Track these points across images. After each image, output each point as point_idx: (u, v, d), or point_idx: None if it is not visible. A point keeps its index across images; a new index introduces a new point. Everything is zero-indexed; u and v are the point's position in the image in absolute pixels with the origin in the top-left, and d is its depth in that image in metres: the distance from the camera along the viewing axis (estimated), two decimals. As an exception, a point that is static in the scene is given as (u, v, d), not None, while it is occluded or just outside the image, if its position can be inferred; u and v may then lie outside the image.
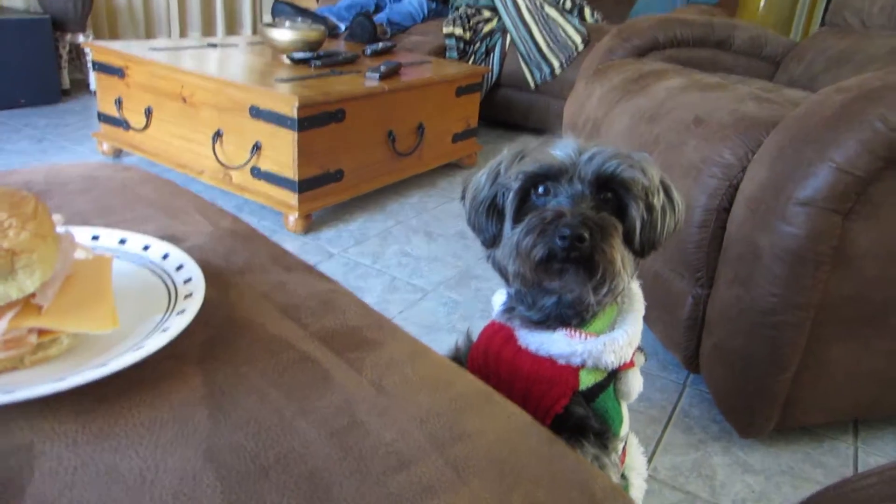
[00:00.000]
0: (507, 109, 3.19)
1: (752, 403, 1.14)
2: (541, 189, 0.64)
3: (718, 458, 1.17)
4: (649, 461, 1.15)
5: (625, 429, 0.74)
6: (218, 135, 1.96)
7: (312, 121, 1.83)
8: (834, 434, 1.25)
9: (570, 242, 0.58)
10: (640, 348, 0.72)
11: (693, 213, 1.17)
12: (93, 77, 2.98)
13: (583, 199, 0.62)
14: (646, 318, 1.43)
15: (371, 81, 2.06)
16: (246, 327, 0.54)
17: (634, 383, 0.71)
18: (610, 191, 0.63)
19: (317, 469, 0.41)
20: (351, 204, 2.16)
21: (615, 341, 0.67)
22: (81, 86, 3.22)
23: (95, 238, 0.60)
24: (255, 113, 1.86)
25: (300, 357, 0.51)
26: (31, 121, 2.65)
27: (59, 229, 0.49)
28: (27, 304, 0.44)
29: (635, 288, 0.73)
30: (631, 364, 0.70)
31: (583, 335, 0.67)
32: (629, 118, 1.49)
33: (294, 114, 1.77)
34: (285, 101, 1.78)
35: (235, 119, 1.92)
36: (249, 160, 1.91)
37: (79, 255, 0.50)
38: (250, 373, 0.48)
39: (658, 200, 0.65)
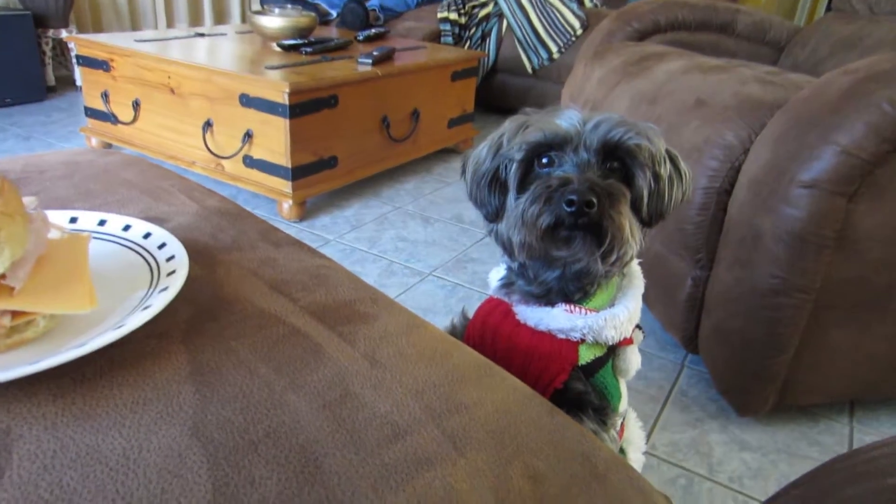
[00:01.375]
0: (503, 94, 3.16)
1: (750, 383, 1.13)
2: (545, 160, 0.62)
3: (715, 436, 1.16)
4: (647, 438, 1.14)
5: (623, 405, 0.72)
6: (208, 124, 1.94)
7: (304, 107, 1.81)
8: (830, 414, 1.24)
9: (577, 208, 0.56)
10: (638, 326, 0.70)
11: (694, 194, 1.15)
12: (78, 72, 2.95)
13: (589, 167, 0.60)
14: (645, 299, 1.42)
15: (364, 67, 2.03)
16: (233, 303, 0.52)
17: (633, 360, 0.70)
18: (616, 160, 0.61)
19: (308, 442, 0.39)
20: (346, 190, 2.14)
21: (616, 317, 0.65)
22: (67, 82, 3.18)
23: (73, 220, 0.58)
24: (246, 101, 1.83)
25: (290, 331, 0.49)
26: (18, 119, 2.61)
27: (31, 209, 0.47)
28: (-1, 286, 0.42)
29: (635, 266, 0.72)
30: (630, 341, 0.69)
31: (583, 310, 0.65)
32: (629, 100, 1.47)
33: (285, 100, 1.75)
34: (276, 87, 1.76)
35: (225, 108, 1.89)
36: (241, 149, 1.89)
37: (53, 234, 0.48)
38: (238, 348, 0.46)
39: (665, 170, 0.63)
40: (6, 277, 0.42)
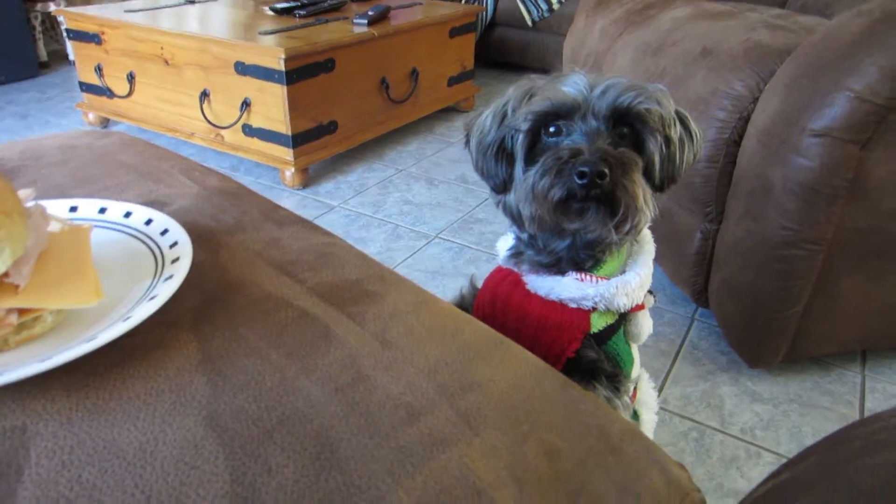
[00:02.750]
0: (503, 49, 3.09)
1: (762, 336, 1.13)
2: (552, 129, 0.60)
3: (727, 389, 1.16)
4: (659, 393, 1.15)
5: (636, 370, 0.72)
6: (205, 94, 1.91)
7: (301, 72, 1.77)
8: (842, 363, 1.24)
9: (589, 180, 0.55)
10: (650, 290, 0.70)
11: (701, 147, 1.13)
12: (70, 46, 2.90)
13: (599, 135, 0.58)
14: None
15: (360, 27, 1.99)
16: (240, 288, 0.51)
17: (644, 325, 0.69)
18: (626, 125, 0.60)
19: (323, 427, 0.39)
20: (348, 155, 2.11)
21: (627, 284, 0.64)
22: (60, 57, 3.14)
23: (73, 209, 0.57)
24: (241, 69, 1.80)
25: (299, 315, 0.48)
26: (13, 97, 2.59)
27: (30, 203, 0.46)
28: (2, 285, 0.42)
29: (646, 230, 0.70)
30: (641, 307, 0.68)
31: (594, 278, 0.64)
32: (633, 51, 1.43)
33: (281, 66, 1.72)
34: (271, 53, 1.72)
35: (221, 77, 1.86)
36: (240, 118, 1.87)
37: (53, 227, 0.48)
38: (248, 335, 0.46)
39: (675, 132, 0.61)
40: (10, 275, 0.42)
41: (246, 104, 1.84)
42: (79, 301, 0.43)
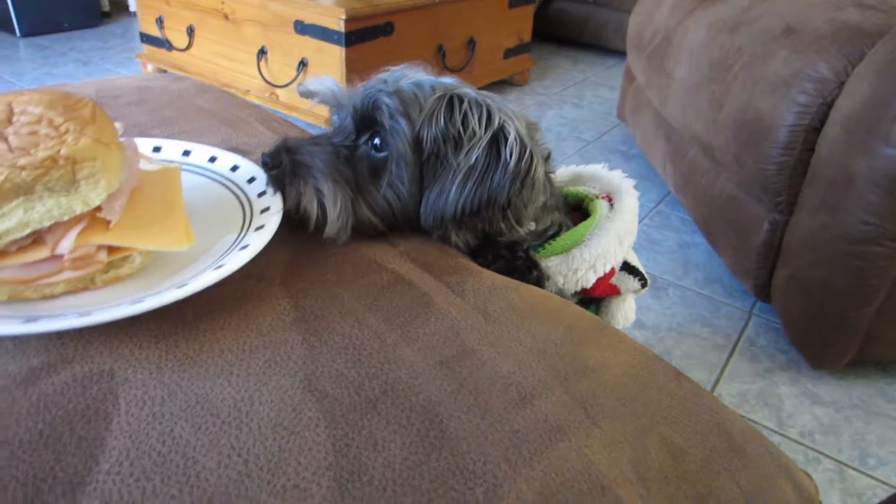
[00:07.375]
0: (561, 23, 3.00)
1: (829, 336, 1.07)
2: None
3: (785, 389, 1.11)
4: (714, 387, 1.10)
5: None
6: (262, 52, 1.88)
7: (360, 35, 1.73)
8: (910, 370, 1.17)
9: None
10: (636, 274, 0.59)
11: (778, 132, 1.06)
12: (132, -4, 2.91)
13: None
14: (714, 243, 1.35)
15: (420, -8, 1.94)
16: (329, 246, 0.48)
17: (618, 314, 0.61)
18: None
19: (429, 402, 0.35)
20: (401, 124, 2.07)
21: (565, 262, 0.55)
22: (121, 7, 3.15)
23: (157, 150, 0.55)
24: (301, 28, 1.77)
25: (395, 279, 0.45)
26: (75, 44, 2.60)
27: (121, 138, 0.43)
28: (94, 219, 0.39)
29: (625, 195, 0.59)
30: (615, 290, 0.59)
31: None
32: (706, 28, 1.36)
33: (341, 28, 1.68)
34: (331, 14, 1.68)
35: (280, 35, 1.83)
36: (296, 78, 1.83)
37: (143, 165, 0.45)
38: (342, 294, 0.43)
39: None
40: (102, 210, 0.39)
41: (303, 64, 1.81)
42: (170, 244, 0.41)
